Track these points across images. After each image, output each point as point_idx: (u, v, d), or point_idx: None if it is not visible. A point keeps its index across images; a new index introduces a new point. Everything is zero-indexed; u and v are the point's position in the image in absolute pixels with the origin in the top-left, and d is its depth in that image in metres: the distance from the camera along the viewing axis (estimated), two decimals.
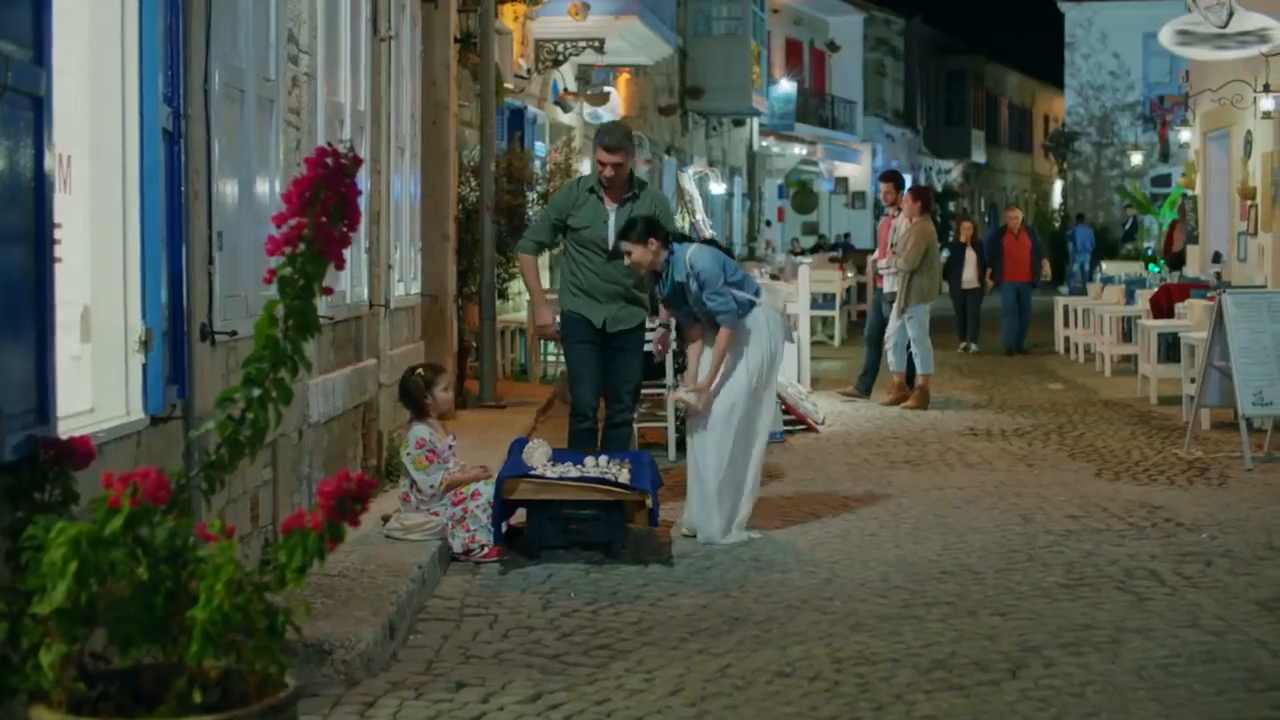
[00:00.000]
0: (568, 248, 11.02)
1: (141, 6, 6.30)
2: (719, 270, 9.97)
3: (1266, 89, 20.64)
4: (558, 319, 11.15)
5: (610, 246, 10.69)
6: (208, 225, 7.07)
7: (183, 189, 6.63)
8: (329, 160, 4.95)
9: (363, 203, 10.47)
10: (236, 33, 7.68)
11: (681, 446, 13.74)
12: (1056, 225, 56.34)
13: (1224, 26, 19.81)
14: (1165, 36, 20.63)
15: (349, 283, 10.10)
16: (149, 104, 6.29)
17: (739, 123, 40.97)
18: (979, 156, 68.40)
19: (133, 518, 4.14)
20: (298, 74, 8.92)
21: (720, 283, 9.93)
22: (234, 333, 7.23)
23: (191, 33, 6.77)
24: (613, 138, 10.90)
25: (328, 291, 5.01)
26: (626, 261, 10.22)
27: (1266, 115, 20.94)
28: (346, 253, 5.12)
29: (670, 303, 10.26)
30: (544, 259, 19.25)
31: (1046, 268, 28.57)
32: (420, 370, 9.88)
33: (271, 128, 8.31)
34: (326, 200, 4.91)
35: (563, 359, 20.95)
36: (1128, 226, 47.00)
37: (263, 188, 8.11)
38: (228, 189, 7.47)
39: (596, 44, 23.34)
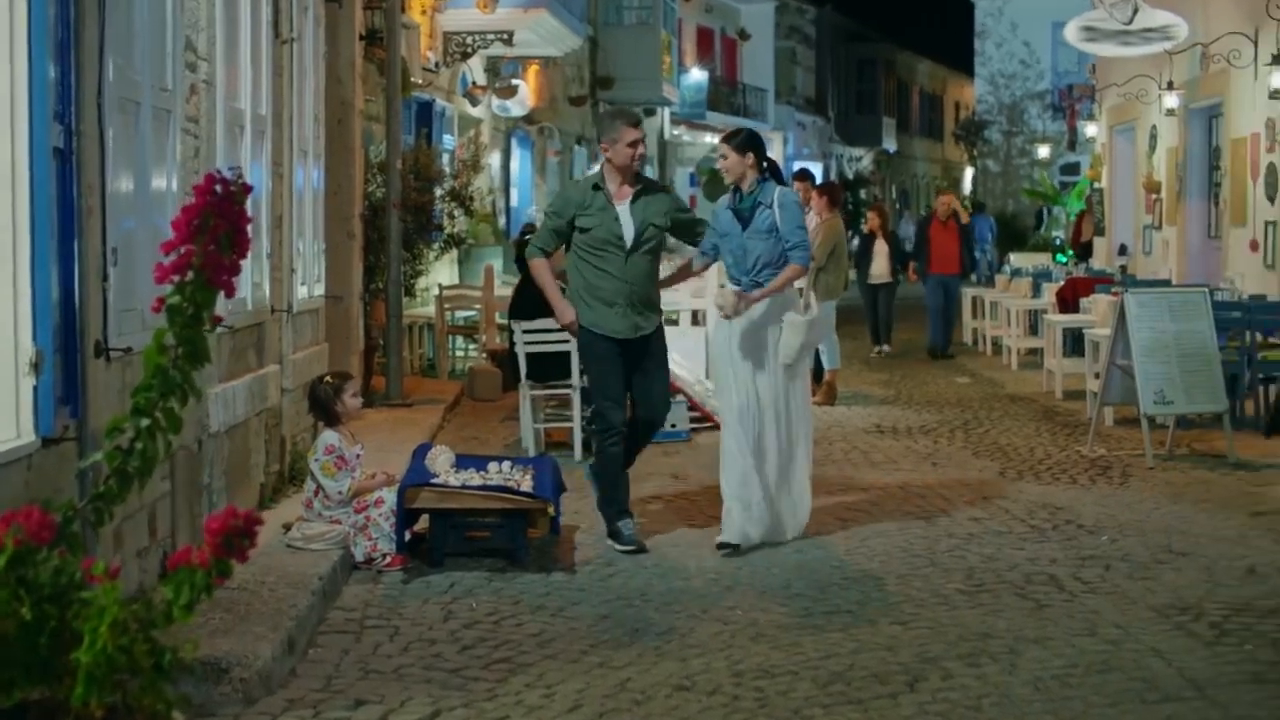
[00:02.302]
0: (578, 253, 10.20)
1: (30, 22, 6.22)
2: (802, 217, 10.21)
3: (1170, 86, 20.83)
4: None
5: (629, 244, 10.07)
6: (102, 241, 6.99)
7: (75, 206, 6.56)
8: (218, 187, 4.91)
9: (264, 206, 10.48)
10: (132, 44, 7.59)
11: (588, 447, 13.75)
12: (968, 212, 56.61)
13: (1129, 23, 19.95)
14: (1070, 33, 20.76)
15: (249, 289, 10.01)
16: (39, 123, 6.21)
17: (650, 112, 40.85)
18: (890, 144, 68.68)
19: (15, 558, 4.10)
20: (196, 81, 8.83)
21: (801, 223, 10.09)
22: (129, 349, 7.15)
23: (84, 48, 6.69)
24: (633, 115, 10.55)
25: (217, 320, 4.97)
26: (719, 165, 10.16)
27: (1170, 112, 21.13)
28: (239, 276, 5.08)
29: (738, 215, 10.08)
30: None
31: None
32: (328, 378, 9.90)
33: (168, 138, 8.22)
34: (216, 228, 4.87)
35: (471, 354, 21.00)
36: (1041, 216, 47.28)
37: (160, 200, 8.02)
38: (123, 203, 7.38)
39: (505, 36, 23.26)
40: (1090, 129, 29.62)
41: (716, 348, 10.28)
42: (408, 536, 9.48)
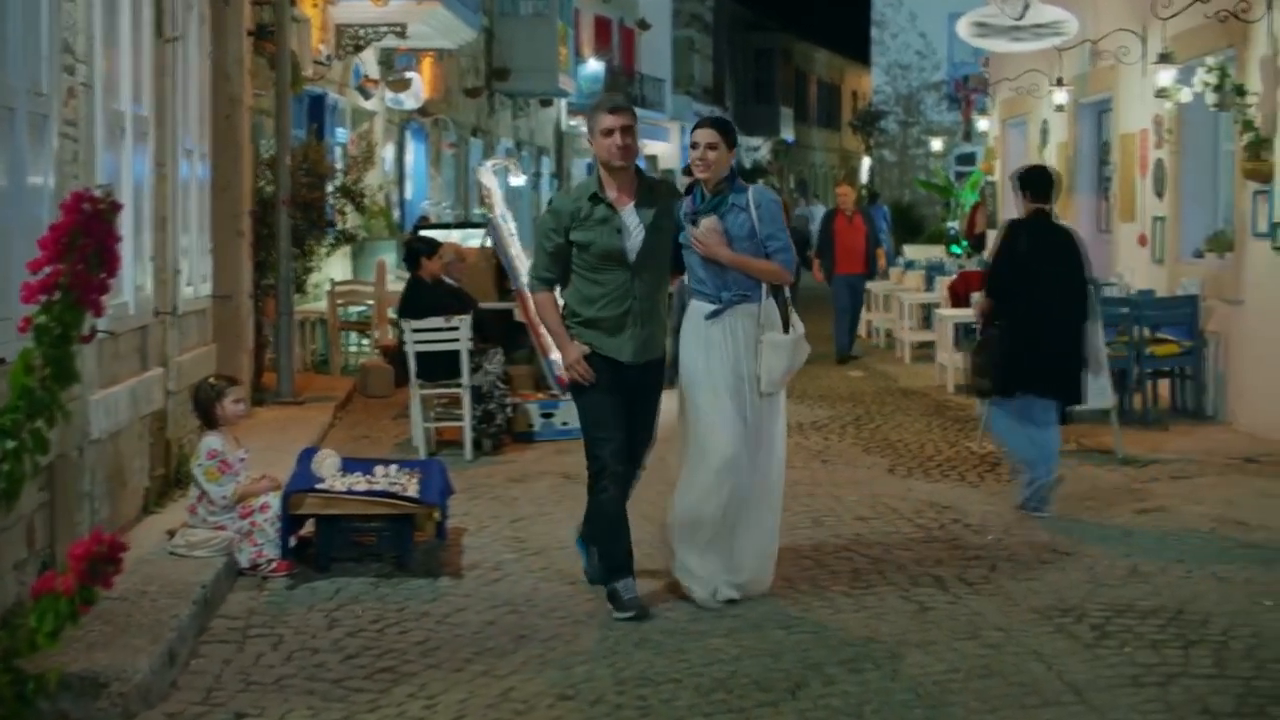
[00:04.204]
0: (576, 270, 8.73)
1: None
2: (783, 218, 8.88)
3: (1060, 82, 20.97)
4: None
5: (632, 259, 8.59)
6: None
7: None
8: (86, 205, 4.86)
9: (147, 207, 10.37)
10: (4, 49, 7.48)
11: (479, 446, 13.71)
12: (865, 202, 56.79)
13: (1019, 19, 20.04)
14: (962, 28, 20.82)
15: (132, 292, 9.90)
16: None
17: (546, 103, 40.89)
18: (788, 133, 68.99)
19: None
20: (74, 84, 8.71)
21: (783, 224, 8.79)
22: (2, 360, 7.05)
23: None
24: (615, 99, 8.97)
25: (86, 339, 4.92)
26: (711, 157, 8.57)
27: (1060, 108, 21.29)
28: (109, 294, 5.03)
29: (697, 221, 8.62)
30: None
31: (880, 258, 24.43)
32: (212, 380, 9.82)
33: (44, 144, 8.10)
34: (84, 247, 4.82)
35: (364, 349, 20.87)
36: (950, 206, 47.46)
37: (36, 207, 7.91)
38: None
39: (398, 29, 23.09)
40: (983, 123, 29.79)
41: (692, 379, 8.86)
42: (293, 541, 9.41)
